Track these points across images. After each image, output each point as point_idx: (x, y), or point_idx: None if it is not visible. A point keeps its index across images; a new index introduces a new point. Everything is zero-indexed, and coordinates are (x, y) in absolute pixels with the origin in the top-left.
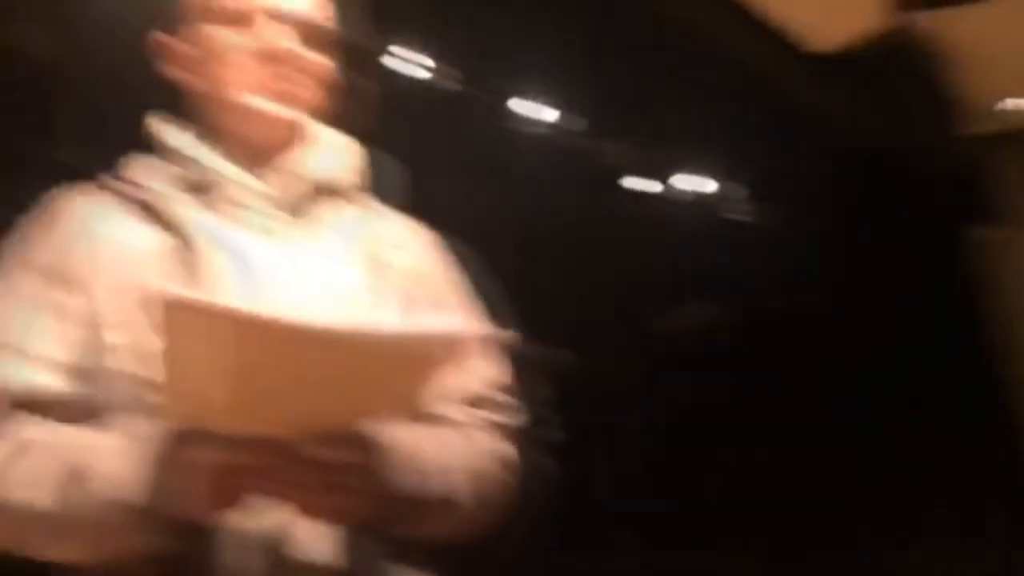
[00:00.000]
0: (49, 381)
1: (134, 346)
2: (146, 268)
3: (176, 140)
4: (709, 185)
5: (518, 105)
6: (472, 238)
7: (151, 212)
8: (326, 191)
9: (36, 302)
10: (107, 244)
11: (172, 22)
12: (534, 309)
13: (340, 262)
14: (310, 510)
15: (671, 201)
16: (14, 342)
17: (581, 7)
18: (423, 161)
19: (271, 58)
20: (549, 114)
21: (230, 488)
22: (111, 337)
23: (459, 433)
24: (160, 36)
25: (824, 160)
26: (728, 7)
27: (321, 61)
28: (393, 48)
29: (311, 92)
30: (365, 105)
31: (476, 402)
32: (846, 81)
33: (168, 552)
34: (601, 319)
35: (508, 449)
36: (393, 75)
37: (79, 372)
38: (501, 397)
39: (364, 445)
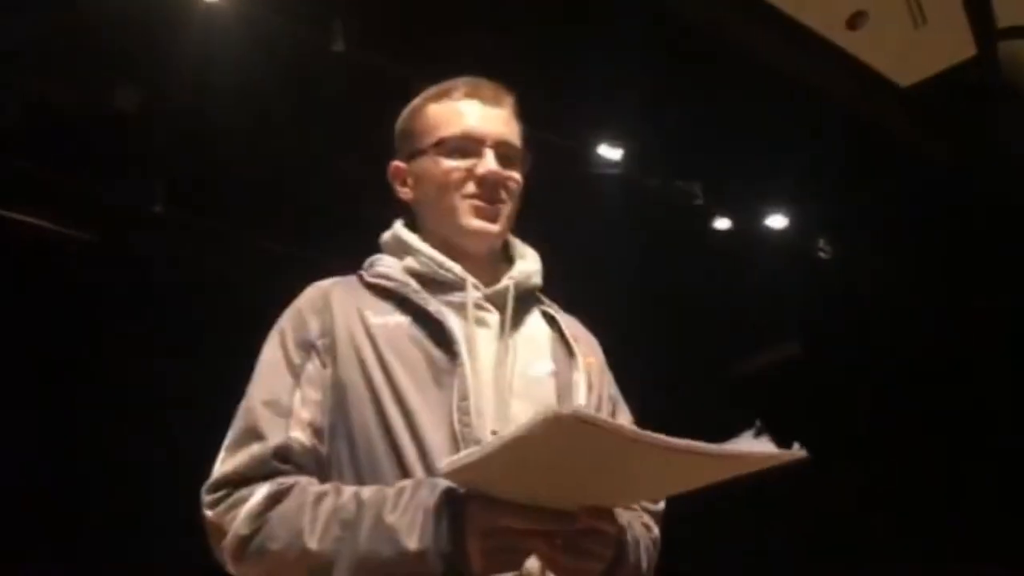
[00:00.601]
0: (302, 437)
1: (374, 410)
2: (392, 343)
3: (414, 242)
4: (793, 222)
5: (598, 149)
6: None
7: (395, 298)
8: (525, 291)
9: (295, 370)
10: (357, 323)
11: (406, 152)
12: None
13: (537, 353)
14: (564, 571)
15: (756, 239)
16: (277, 402)
17: (658, 47)
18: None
19: (488, 180)
20: (628, 155)
21: (509, 548)
22: (355, 400)
23: (637, 515)
24: (396, 164)
25: (913, 194)
26: (809, 46)
27: (519, 178)
28: None
29: (511, 206)
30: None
31: None
32: (934, 113)
33: None
34: (685, 362)
35: (656, 529)
36: None
37: (323, 431)
38: None
39: (615, 521)
